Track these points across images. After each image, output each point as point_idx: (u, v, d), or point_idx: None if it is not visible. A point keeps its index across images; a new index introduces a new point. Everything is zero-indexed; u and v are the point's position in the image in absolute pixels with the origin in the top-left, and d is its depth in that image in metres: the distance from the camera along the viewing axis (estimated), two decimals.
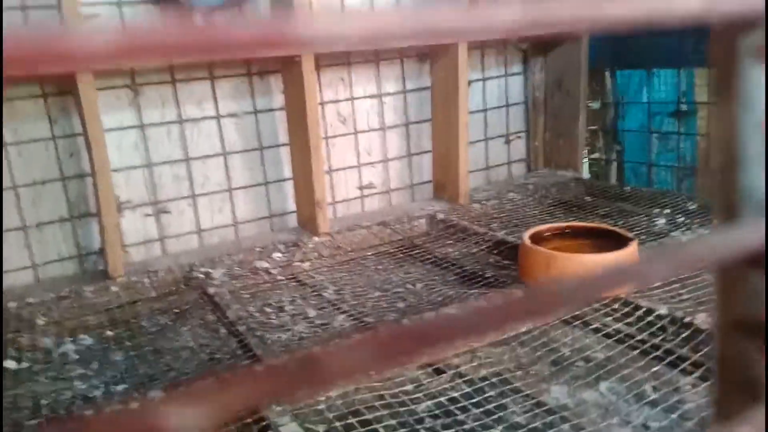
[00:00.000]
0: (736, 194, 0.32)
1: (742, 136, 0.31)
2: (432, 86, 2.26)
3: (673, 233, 1.68)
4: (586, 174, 2.47)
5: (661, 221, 1.83)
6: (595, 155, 2.48)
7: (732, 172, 0.32)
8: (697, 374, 1.13)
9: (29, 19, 1.68)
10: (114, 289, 1.63)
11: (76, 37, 0.18)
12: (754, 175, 0.31)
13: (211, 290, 1.59)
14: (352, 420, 1.04)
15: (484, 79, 2.49)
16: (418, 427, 1.05)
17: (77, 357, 1.37)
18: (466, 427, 1.05)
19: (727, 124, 0.32)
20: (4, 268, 1.70)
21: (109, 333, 1.47)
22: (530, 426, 1.04)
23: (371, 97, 2.26)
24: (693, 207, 1.92)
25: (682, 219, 1.83)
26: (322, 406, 1.10)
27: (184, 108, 1.94)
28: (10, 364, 1.35)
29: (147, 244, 1.94)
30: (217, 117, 1.99)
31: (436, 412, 1.09)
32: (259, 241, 1.95)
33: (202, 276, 1.69)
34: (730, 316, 0.34)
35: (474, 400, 1.12)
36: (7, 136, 1.70)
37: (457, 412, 1.09)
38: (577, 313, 1.39)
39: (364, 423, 1.04)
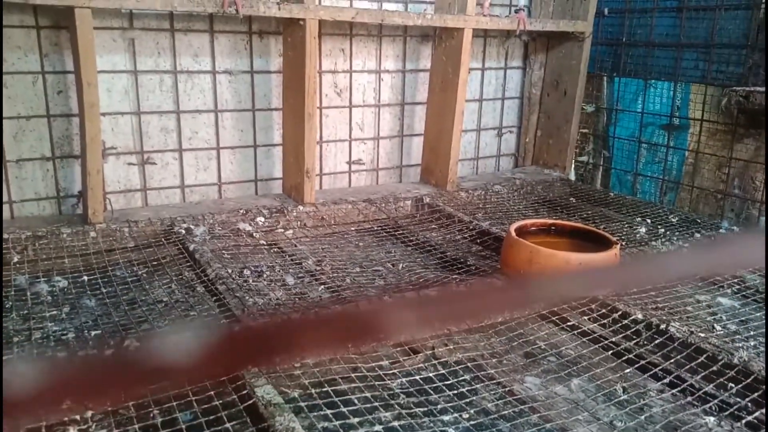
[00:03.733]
0: None
1: None
2: (431, 69, 2.24)
3: (653, 243, 1.71)
4: (572, 175, 2.49)
5: (642, 230, 1.86)
6: (583, 158, 2.50)
7: None
8: (666, 381, 1.16)
9: None
10: (92, 234, 1.60)
11: None
12: None
13: (192, 246, 1.56)
14: (327, 388, 1.04)
15: (483, 69, 2.48)
16: (392, 402, 1.05)
17: (50, 298, 1.34)
18: (438, 407, 1.06)
19: None
20: None
21: (85, 278, 1.44)
22: (501, 413, 1.06)
23: (370, 72, 2.24)
24: (674, 220, 1.96)
25: (663, 230, 1.86)
26: (297, 372, 1.09)
27: (180, 59, 1.89)
28: None
29: (128, 194, 1.90)
30: (213, 72, 1.95)
31: (411, 389, 1.10)
32: (243, 203, 1.92)
33: (183, 231, 1.66)
34: None
35: (447, 382, 1.13)
36: None
37: (431, 391, 1.10)
38: (554, 308, 1.41)
39: (339, 393, 1.04)
